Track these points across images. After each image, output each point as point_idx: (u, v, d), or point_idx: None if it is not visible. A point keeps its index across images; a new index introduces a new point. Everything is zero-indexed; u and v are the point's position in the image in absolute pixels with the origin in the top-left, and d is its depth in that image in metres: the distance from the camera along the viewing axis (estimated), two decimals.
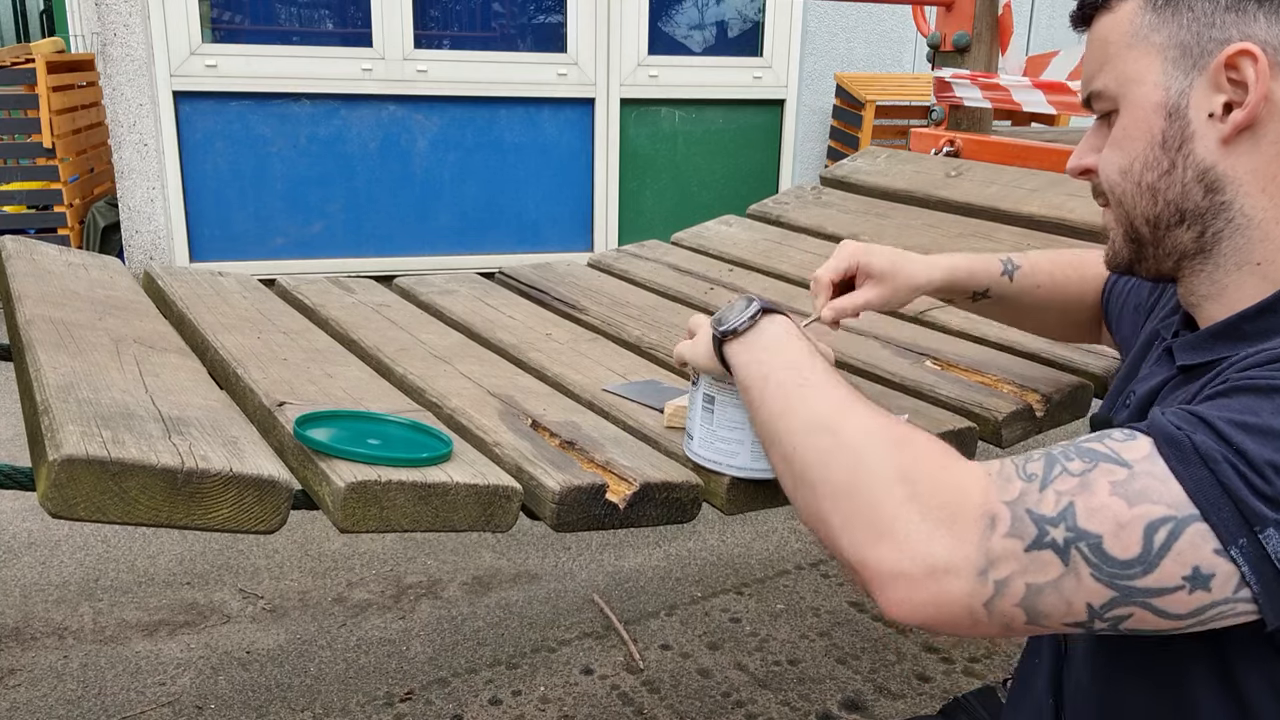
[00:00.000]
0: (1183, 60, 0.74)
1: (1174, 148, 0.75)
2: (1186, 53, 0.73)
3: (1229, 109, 0.72)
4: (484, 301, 1.73)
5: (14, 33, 9.11)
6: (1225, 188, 0.73)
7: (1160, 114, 0.75)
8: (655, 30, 4.83)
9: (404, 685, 1.92)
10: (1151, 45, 0.75)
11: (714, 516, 2.52)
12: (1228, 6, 0.72)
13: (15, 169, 4.47)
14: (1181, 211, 0.75)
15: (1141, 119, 0.76)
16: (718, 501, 1.04)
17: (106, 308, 1.38)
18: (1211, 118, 0.73)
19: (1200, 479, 0.59)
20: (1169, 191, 0.75)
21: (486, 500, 0.95)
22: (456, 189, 4.70)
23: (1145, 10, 0.76)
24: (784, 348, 0.82)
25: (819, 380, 0.76)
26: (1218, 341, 0.75)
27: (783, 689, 1.94)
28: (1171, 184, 0.75)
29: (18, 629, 2.07)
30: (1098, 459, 0.62)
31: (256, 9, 4.36)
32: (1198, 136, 0.74)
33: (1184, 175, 0.74)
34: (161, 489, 0.83)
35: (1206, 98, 0.73)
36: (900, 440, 0.67)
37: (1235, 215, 0.74)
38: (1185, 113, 0.74)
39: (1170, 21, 0.74)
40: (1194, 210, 0.75)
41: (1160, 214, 0.77)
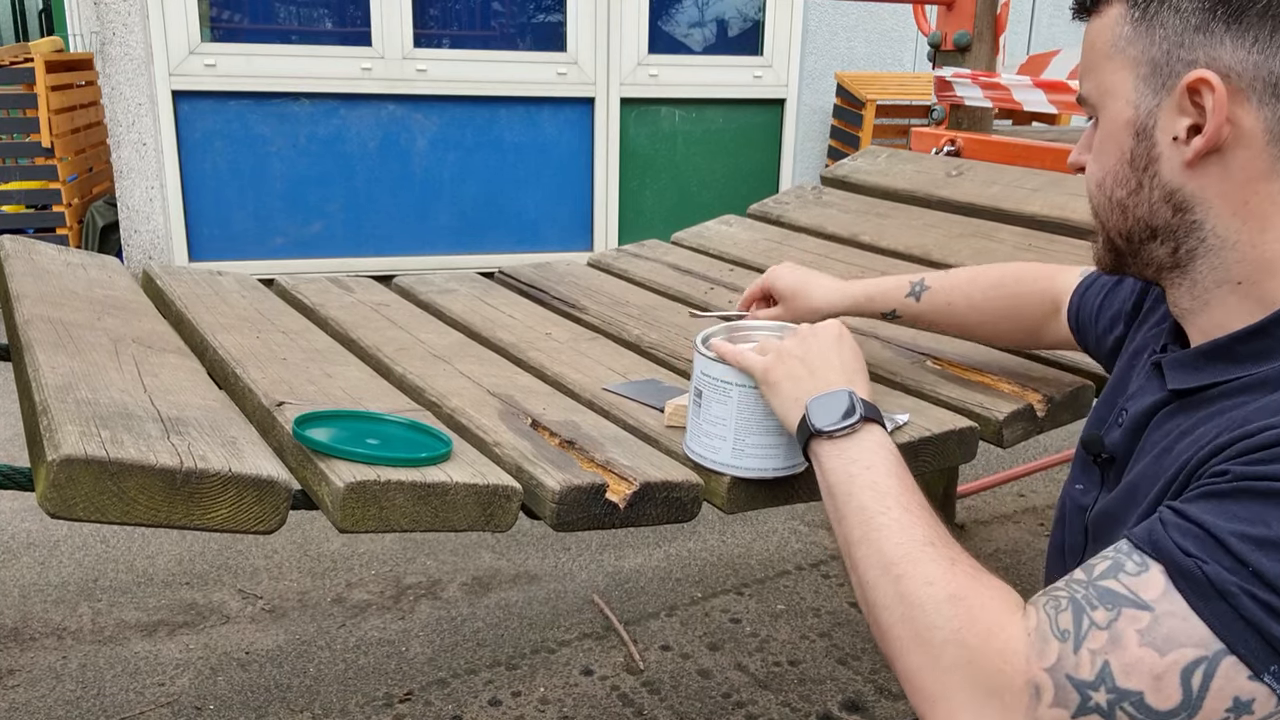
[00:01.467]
0: (1153, 78, 0.73)
1: (1140, 167, 0.74)
2: (1156, 71, 0.72)
3: (1195, 131, 0.71)
4: (483, 301, 1.73)
5: (13, 32, 9.11)
6: (1194, 208, 0.73)
7: (1129, 132, 0.74)
8: (655, 29, 4.82)
9: (403, 686, 1.92)
10: (1127, 59, 0.74)
11: (714, 516, 2.51)
12: (1196, 27, 0.70)
13: (14, 168, 4.46)
14: (1152, 228, 0.75)
15: (1114, 134, 0.75)
16: (718, 501, 1.03)
17: (105, 307, 1.37)
18: (1176, 141, 0.72)
19: (1221, 613, 0.59)
20: (1138, 209, 0.75)
21: (486, 500, 0.94)
22: (456, 188, 4.70)
23: (1125, 20, 0.74)
24: (874, 463, 0.82)
25: (897, 514, 0.76)
26: (1209, 363, 0.74)
27: (783, 690, 1.94)
28: (1139, 202, 0.75)
29: (16, 629, 2.06)
30: (1119, 604, 0.62)
31: (256, 8, 4.36)
32: (1163, 158, 0.73)
33: (1151, 195, 0.74)
34: (160, 489, 0.83)
35: (1172, 120, 0.72)
36: (955, 597, 0.69)
37: (1208, 235, 0.73)
38: (1152, 133, 0.73)
39: (1144, 36, 0.73)
40: (1164, 227, 0.75)
41: (1131, 229, 0.77)
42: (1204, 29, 0.70)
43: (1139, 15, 0.73)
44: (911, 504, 0.78)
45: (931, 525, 0.76)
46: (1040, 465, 2.92)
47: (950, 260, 1.72)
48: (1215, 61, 0.69)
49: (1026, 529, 2.61)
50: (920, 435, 1.13)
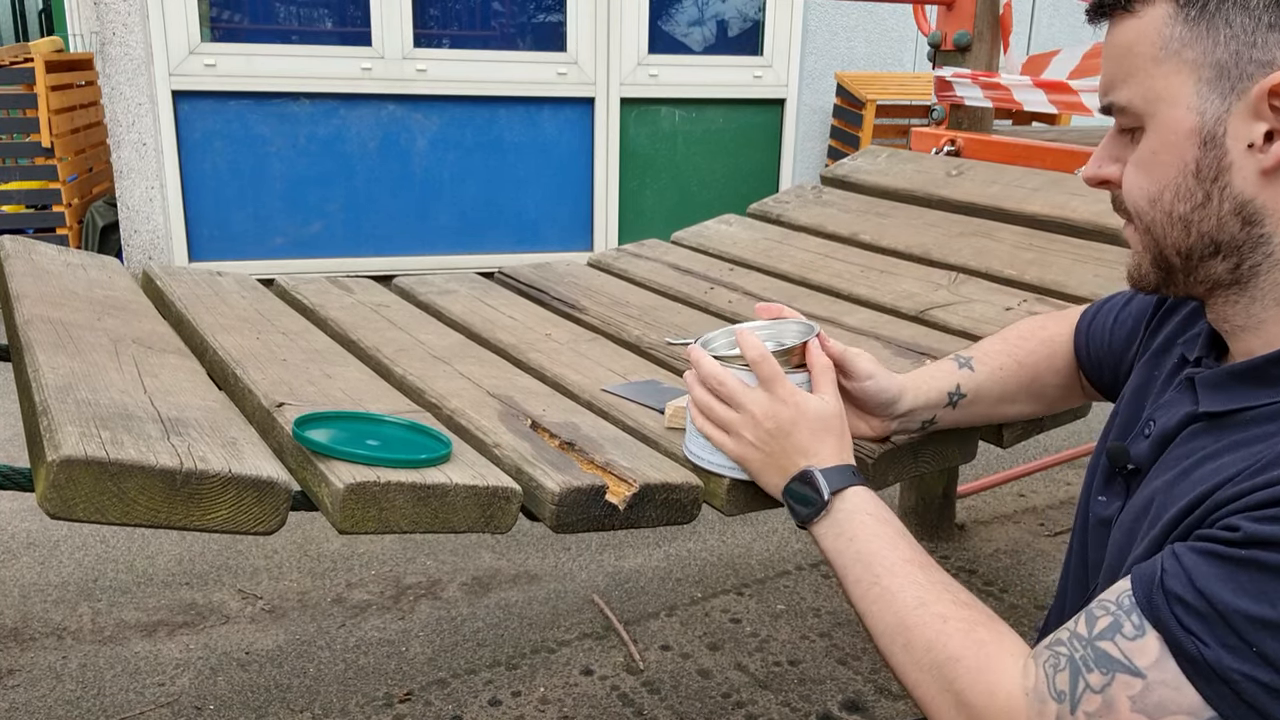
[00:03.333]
0: (1219, 82, 0.67)
1: (1209, 178, 0.68)
2: (1224, 74, 0.67)
3: (1270, 137, 0.66)
4: (483, 301, 1.73)
5: (12, 32, 9.11)
6: (1265, 220, 0.68)
7: (1194, 141, 0.68)
8: (655, 29, 4.82)
9: (403, 686, 1.92)
10: (1184, 62, 0.68)
11: (714, 517, 2.51)
12: (1271, 24, 0.65)
13: (14, 168, 4.46)
14: (1216, 244, 0.70)
15: (1173, 144, 0.69)
16: (717, 503, 1.03)
17: (105, 308, 1.37)
18: (1251, 148, 0.67)
19: (1222, 694, 0.60)
20: (1203, 224, 0.70)
21: (486, 501, 0.94)
22: (456, 188, 4.69)
23: (1176, 21, 0.68)
24: (855, 533, 0.84)
25: (887, 583, 0.80)
26: (1241, 384, 0.71)
27: (783, 690, 1.94)
28: (1206, 216, 0.69)
29: (16, 629, 2.06)
30: (1113, 669, 0.64)
31: (255, 8, 4.36)
32: (1235, 167, 0.67)
33: (1220, 208, 0.69)
34: (160, 490, 0.83)
35: (1246, 125, 0.67)
36: (954, 659, 0.72)
37: (1275, 249, 0.69)
38: (1222, 141, 0.67)
39: (1205, 37, 0.67)
40: (1230, 242, 0.70)
41: (1194, 245, 0.71)
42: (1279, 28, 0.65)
43: (1196, 15, 0.67)
44: (897, 564, 0.81)
45: (921, 581, 0.79)
46: (1040, 465, 2.92)
47: (950, 260, 1.72)
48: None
49: (1026, 529, 2.61)
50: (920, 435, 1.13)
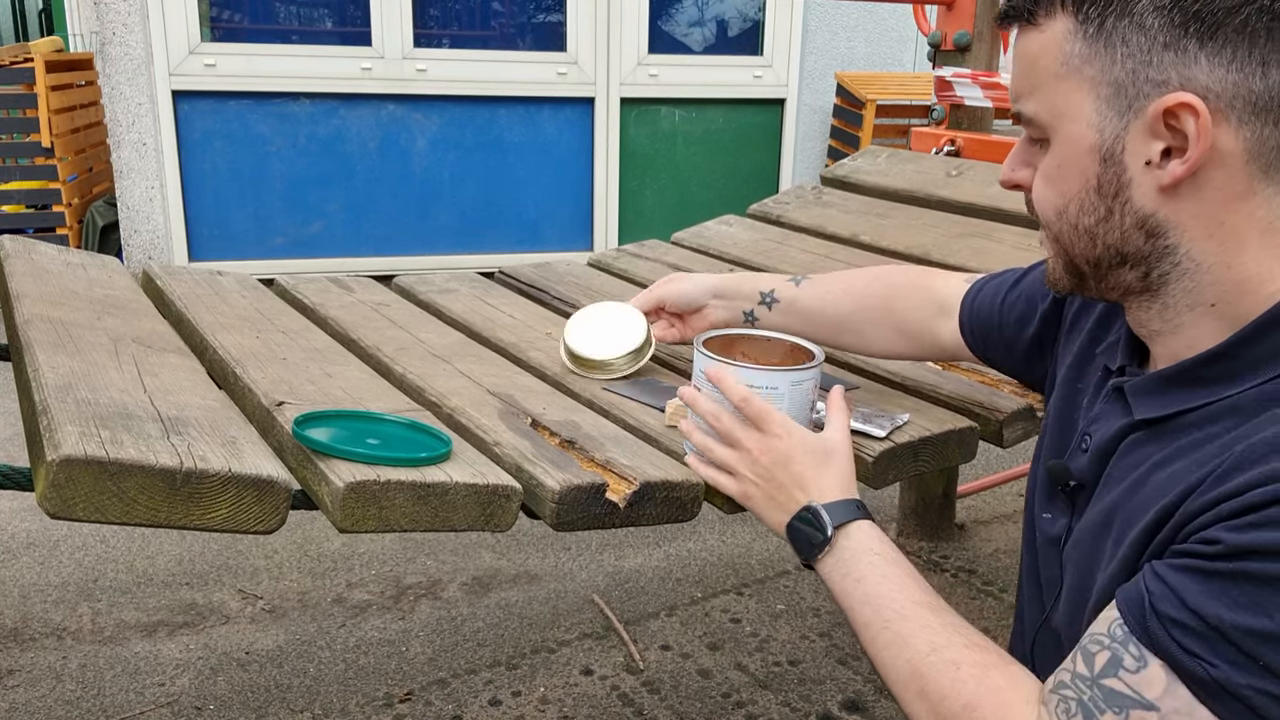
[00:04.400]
0: (1117, 100, 0.67)
1: (1110, 194, 0.69)
2: (1121, 92, 0.67)
3: (1168, 153, 0.67)
4: (484, 300, 1.73)
5: (12, 32, 9.11)
6: (1168, 232, 0.69)
7: (1094, 157, 0.69)
8: (655, 29, 4.82)
9: (403, 686, 1.92)
10: (1084, 79, 0.68)
11: (714, 516, 2.51)
12: (1165, 44, 0.65)
13: (14, 168, 4.46)
14: (1123, 254, 0.71)
15: (1074, 158, 0.70)
16: (717, 501, 1.03)
17: (105, 307, 1.37)
18: (1149, 165, 0.67)
19: (1237, 711, 0.59)
20: (1108, 236, 0.71)
21: (486, 500, 0.94)
22: (456, 188, 4.69)
23: (1076, 37, 0.68)
24: (863, 574, 0.83)
25: (897, 627, 0.78)
26: (1173, 388, 0.71)
27: (783, 690, 1.94)
28: (1110, 229, 0.70)
29: (16, 629, 2.06)
30: (1126, 706, 0.62)
31: (255, 8, 4.36)
32: (1135, 184, 0.68)
33: (1122, 222, 0.70)
34: (160, 489, 0.83)
35: (1143, 144, 0.67)
36: (969, 706, 0.71)
37: (1181, 259, 0.69)
38: (1121, 158, 0.68)
39: (1103, 55, 0.67)
40: (1136, 253, 0.70)
41: (1100, 256, 0.72)
42: (1175, 46, 0.64)
43: (1094, 32, 0.67)
44: (907, 607, 0.79)
45: (932, 625, 0.77)
46: None
47: (950, 260, 1.72)
48: (1190, 82, 0.64)
49: None
50: (920, 435, 1.13)
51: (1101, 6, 0.67)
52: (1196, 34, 0.64)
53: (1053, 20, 0.70)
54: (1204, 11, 0.64)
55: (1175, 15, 0.64)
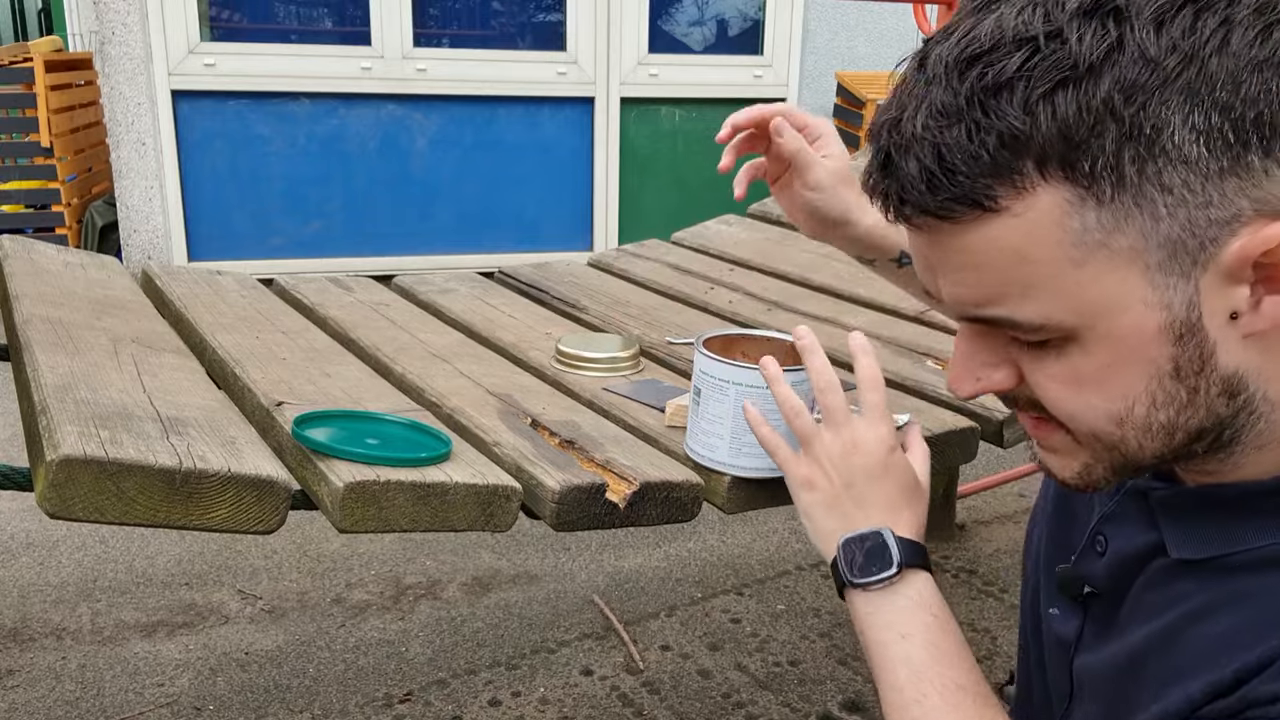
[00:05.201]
0: (1176, 261, 0.51)
1: (1193, 372, 0.54)
2: (1180, 250, 0.51)
3: (1254, 294, 0.52)
4: (483, 300, 1.73)
5: (12, 32, 9.11)
6: (1249, 384, 0.55)
7: (1164, 339, 0.53)
8: (655, 29, 4.82)
9: (403, 686, 1.92)
10: (1117, 254, 0.51)
11: (714, 516, 2.51)
12: (1223, 171, 0.49)
13: (13, 168, 4.46)
14: (1202, 431, 0.56)
15: (1134, 351, 0.54)
16: (718, 501, 1.03)
17: (104, 307, 1.37)
18: (1235, 319, 0.52)
19: None
20: (1190, 422, 0.55)
21: (486, 500, 0.94)
22: (456, 188, 4.69)
23: (1084, 207, 0.50)
24: (911, 630, 0.74)
25: (935, 702, 0.70)
26: (1216, 515, 0.59)
27: (783, 690, 1.93)
28: (1194, 412, 0.55)
29: (16, 630, 2.06)
30: None
31: (255, 8, 4.36)
32: (1220, 346, 0.53)
33: (1208, 396, 0.55)
34: (159, 489, 0.83)
35: (1223, 296, 0.52)
36: None
37: (1257, 405, 0.56)
38: (1200, 326, 0.52)
39: (1138, 215, 0.50)
40: (1215, 425, 0.56)
41: (1178, 446, 0.57)
42: (1235, 170, 0.49)
43: (1112, 192, 0.50)
44: (948, 685, 0.71)
45: (970, 716, 0.70)
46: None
47: None
48: (1267, 203, 0.50)
49: (1026, 530, 2.61)
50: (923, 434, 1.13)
51: (1113, 158, 0.49)
52: (1260, 146, 0.49)
53: (1031, 197, 0.51)
54: (1264, 117, 0.48)
55: (1228, 135, 0.48)
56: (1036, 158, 0.49)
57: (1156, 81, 0.48)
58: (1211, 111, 0.48)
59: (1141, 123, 0.48)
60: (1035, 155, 0.49)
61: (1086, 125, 0.48)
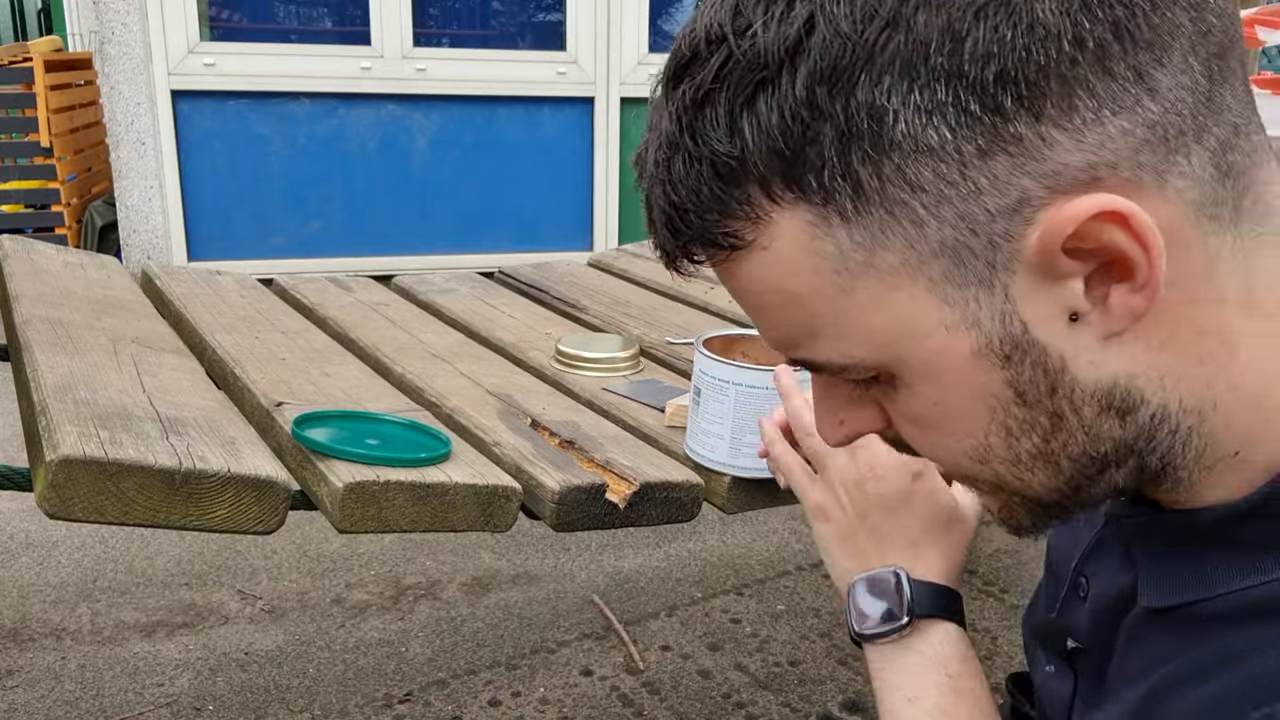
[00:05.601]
0: (964, 269, 0.41)
1: (1044, 393, 0.44)
2: (964, 256, 0.41)
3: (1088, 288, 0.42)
4: (483, 300, 1.73)
5: (11, 31, 9.11)
6: (1145, 394, 0.43)
7: (989, 363, 0.43)
8: (655, 28, 4.82)
9: (403, 686, 1.92)
10: (890, 273, 0.42)
11: (714, 517, 2.51)
12: (983, 151, 0.39)
13: (12, 168, 4.46)
14: (1100, 458, 0.46)
15: (960, 382, 0.44)
16: (718, 501, 1.03)
17: (104, 307, 1.37)
18: (1077, 320, 0.42)
19: None
20: (1071, 449, 0.46)
21: (486, 500, 0.94)
22: (455, 188, 4.69)
23: (830, 226, 0.41)
24: (920, 693, 0.64)
25: None
26: (1189, 547, 0.48)
27: (784, 690, 1.93)
28: (1071, 439, 0.45)
29: (15, 630, 2.06)
30: None
31: (255, 7, 4.36)
32: (1072, 357, 0.43)
33: (1081, 417, 0.44)
34: (159, 489, 0.83)
35: (1048, 298, 0.41)
36: None
37: (1175, 421, 0.44)
38: (1030, 338, 0.42)
39: (893, 224, 0.41)
40: (1118, 448, 0.45)
41: (1075, 474, 0.47)
42: (1001, 146, 0.39)
43: (852, 206, 0.40)
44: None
45: None
46: None
47: None
48: (1060, 176, 0.39)
49: None
50: None
51: (839, 164, 0.40)
52: (1022, 109, 0.38)
53: (770, 226, 0.42)
54: (1009, 73, 0.37)
55: (968, 106, 0.38)
56: (758, 181, 0.41)
57: (860, 60, 0.38)
58: (935, 83, 0.38)
59: (855, 114, 0.38)
60: (755, 178, 0.41)
61: (795, 132, 0.39)
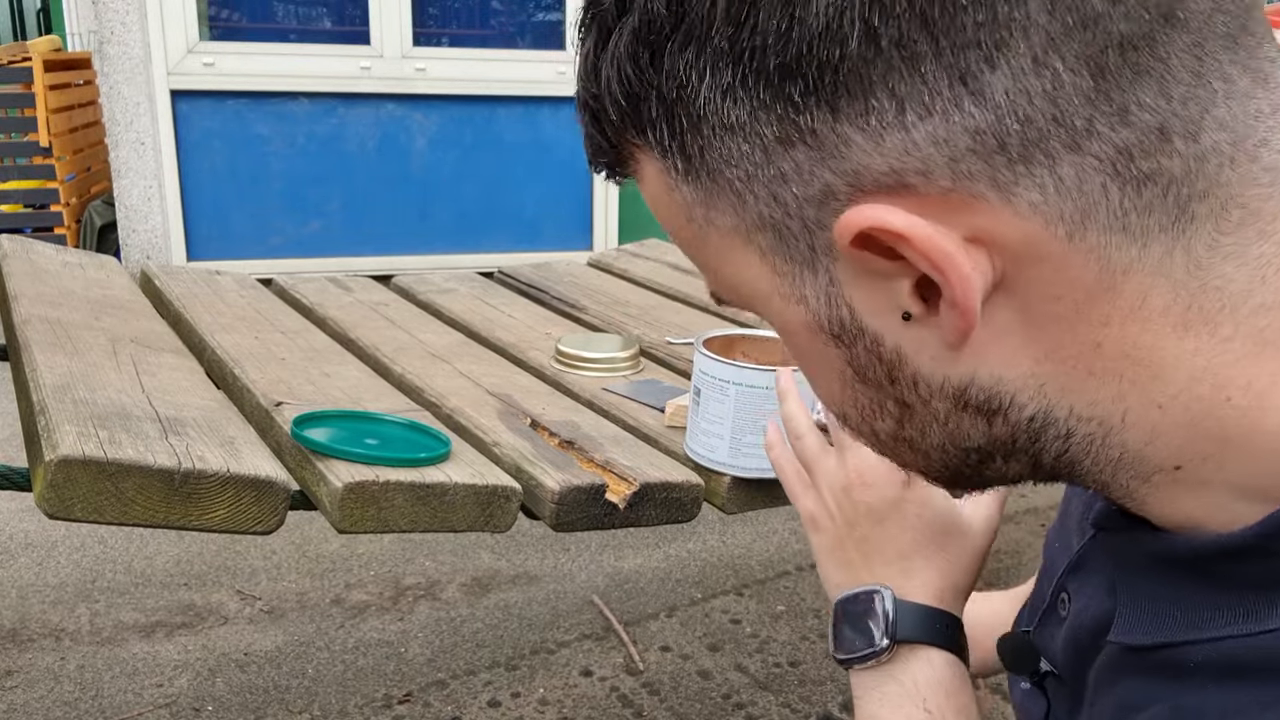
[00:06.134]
0: (786, 245, 0.39)
1: (883, 378, 0.41)
2: (784, 234, 0.39)
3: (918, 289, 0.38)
4: (483, 300, 1.73)
5: (10, 31, 9.10)
6: (1018, 400, 0.39)
7: (820, 338, 0.41)
8: None
9: (402, 687, 1.91)
10: (727, 234, 0.41)
11: (714, 517, 2.51)
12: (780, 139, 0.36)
13: (12, 168, 4.46)
14: (973, 450, 0.43)
15: (805, 347, 0.43)
16: (718, 501, 1.03)
17: (103, 307, 1.37)
18: (910, 320, 0.39)
19: None
20: (931, 438, 0.43)
21: (485, 500, 0.94)
22: (455, 188, 4.69)
23: (675, 178, 0.40)
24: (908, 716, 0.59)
25: None
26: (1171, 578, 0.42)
27: (783, 691, 1.93)
28: (929, 429, 0.42)
29: (14, 630, 2.06)
30: None
31: (254, 7, 4.36)
32: (907, 352, 0.40)
33: (933, 410, 0.41)
34: (158, 489, 0.82)
35: (875, 292, 0.39)
36: None
37: (1065, 425, 0.40)
38: (860, 325, 0.40)
39: (719, 190, 0.39)
40: (993, 444, 0.42)
41: (946, 462, 0.44)
42: (798, 137, 0.36)
43: (682, 166, 0.40)
44: None
45: None
46: None
47: None
48: (864, 175, 0.36)
49: (1027, 529, 2.61)
50: None
51: (665, 126, 0.39)
52: (814, 104, 0.35)
53: (637, 165, 0.42)
54: (791, 66, 0.35)
55: (758, 93, 0.36)
56: (618, 123, 0.41)
57: (667, 29, 0.37)
58: (721, 63, 0.36)
59: (667, 82, 0.38)
60: (615, 121, 0.41)
61: (628, 89, 0.39)
